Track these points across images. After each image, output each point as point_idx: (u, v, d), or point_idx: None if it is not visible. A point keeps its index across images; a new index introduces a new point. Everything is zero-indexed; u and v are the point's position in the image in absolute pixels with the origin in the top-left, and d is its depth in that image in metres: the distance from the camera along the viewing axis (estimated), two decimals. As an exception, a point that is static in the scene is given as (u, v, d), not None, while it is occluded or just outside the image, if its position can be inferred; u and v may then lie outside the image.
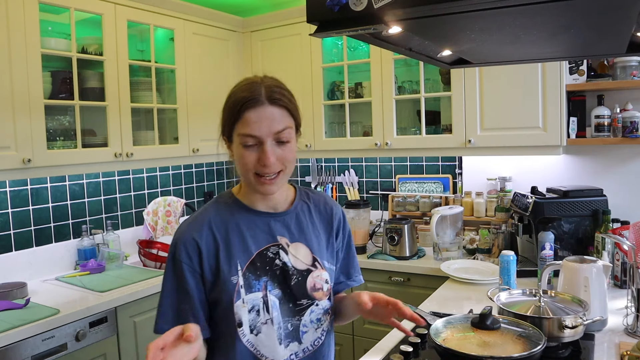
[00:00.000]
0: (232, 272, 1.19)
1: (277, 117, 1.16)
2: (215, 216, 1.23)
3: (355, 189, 3.45)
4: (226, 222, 1.23)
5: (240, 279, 1.19)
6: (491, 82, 2.63)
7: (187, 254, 1.19)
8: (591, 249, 2.27)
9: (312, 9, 1.04)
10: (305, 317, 1.26)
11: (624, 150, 2.66)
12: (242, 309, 1.19)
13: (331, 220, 1.37)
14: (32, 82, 2.22)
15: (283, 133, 1.16)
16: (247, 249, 1.21)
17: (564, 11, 0.99)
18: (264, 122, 1.14)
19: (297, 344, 1.25)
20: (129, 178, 3.09)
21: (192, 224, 1.23)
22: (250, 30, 3.35)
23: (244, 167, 1.17)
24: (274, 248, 1.24)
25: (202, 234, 1.20)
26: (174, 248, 1.21)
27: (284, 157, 1.18)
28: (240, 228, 1.23)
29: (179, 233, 1.22)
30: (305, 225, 1.30)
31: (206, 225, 1.22)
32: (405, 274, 2.66)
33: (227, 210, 1.25)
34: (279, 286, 1.23)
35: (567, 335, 1.47)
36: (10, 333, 1.89)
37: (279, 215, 1.27)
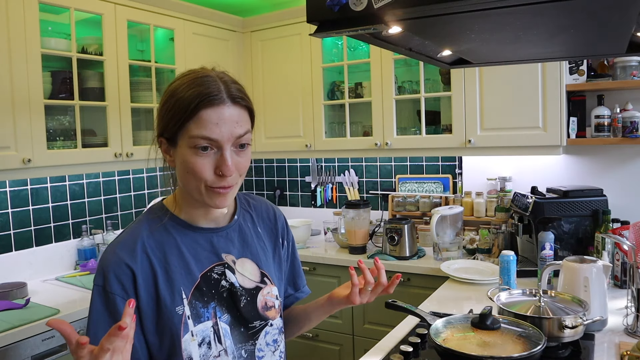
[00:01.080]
0: (175, 301, 1.01)
1: (238, 119, 1.00)
2: (148, 237, 1.04)
3: (355, 189, 3.45)
4: (162, 243, 1.04)
5: (187, 309, 1.02)
6: (491, 82, 2.63)
7: (120, 284, 0.99)
8: (591, 249, 2.27)
9: (312, 9, 1.04)
10: (260, 340, 1.12)
11: (624, 150, 2.66)
12: (192, 344, 1.02)
13: (275, 228, 1.23)
14: (32, 82, 2.22)
15: (244, 137, 1.00)
16: (190, 273, 1.04)
17: (564, 11, 0.99)
18: (226, 124, 0.97)
19: (270, 353, 1.15)
20: (129, 178, 3.09)
21: (121, 247, 1.02)
22: (250, 30, 3.35)
23: (194, 175, 0.98)
24: (219, 268, 1.08)
25: (136, 259, 1.00)
26: (103, 279, 0.99)
27: (242, 166, 1.01)
28: (180, 249, 1.04)
29: (106, 259, 1.01)
30: (249, 238, 1.15)
31: (139, 247, 1.02)
32: (405, 274, 2.66)
33: (162, 229, 1.05)
34: (228, 310, 1.08)
35: (567, 335, 1.47)
36: (10, 333, 1.89)
37: (221, 230, 1.11)
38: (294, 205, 3.73)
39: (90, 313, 1.00)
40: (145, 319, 1.01)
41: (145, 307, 1.00)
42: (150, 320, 1.01)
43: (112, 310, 0.98)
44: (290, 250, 1.29)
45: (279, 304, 1.18)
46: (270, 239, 1.22)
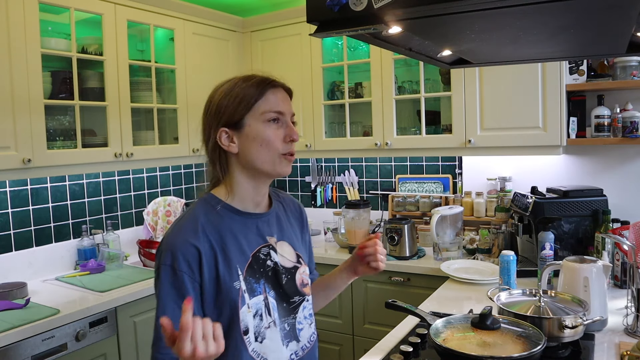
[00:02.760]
0: (233, 277, 1.14)
1: (288, 100, 1.22)
2: (206, 221, 1.16)
3: (355, 189, 3.45)
4: (218, 227, 1.16)
5: (243, 284, 1.15)
6: (491, 82, 2.63)
7: (187, 262, 1.10)
8: (591, 249, 2.27)
9: (312, 9, 1.04)
10: (299, 314, 1.27)
11: (624, 150, 2.66)
12: (248, 315, 1.14)
13: (301, 217, 1.40)
14: (32, 82, 2.22)
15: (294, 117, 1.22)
16: (243, 253, 1.17)
17: (564, 11, 0.99)
18: (285, 102, 1.20)
19: (295, 342, 1.25)
20: (129, 178, 3.09)
21: (185, 229, 1.14)
22: (250, 30, 3.35)
23: (269, 145, 1.16)
24: (265, 249, 1.22)
25: (200, 240, 1.12)
26: (172, 258, 1.10)
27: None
28: (233, 232, 1.18)
29: (172, 240, 1.12)
30: (284, 224, 1.31)
31: (200, 230, 1.14)
32: (405, 274, 2.66)
33: (216, 215, 1.18)
34: (273, 287, 1.21)
35: (567, 335, 1.47)
36: (10, 333, 1.89)
37: (264, 216, 1.25)
38: (294, 205, 3.73)
39: (159, 291, 1.11)
40: (206, 294, 1.12)
41: (207, 283, 1.12)
42: (210, 296, 1.13)
43: (180, 287, 1.09)
44: (309, 240, 1.45)
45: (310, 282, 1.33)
46: (298, 226, 1.38)
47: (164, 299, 1.09)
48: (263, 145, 1.16)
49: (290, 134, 1.18)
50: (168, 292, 1.09)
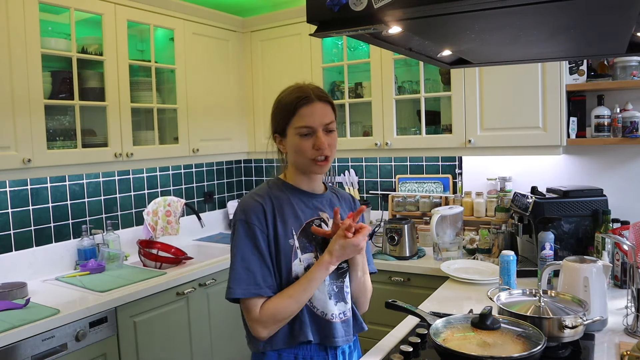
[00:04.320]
0: (288, 235, 1.42)
1: (325, 111, 1.43)
2: (271, 192, 1.47)
3: (355, 189, 3.45)
4: (279, 198, 1.46)
5: (296, 242, 1.43)
6: (491, 82, 2.63)
7: (257, 217, 1.40)
8: (591, 249, 2.27)
9: (312, 9, 1.04)
10: (347, 280, 1.49)
11: (624, 150, 2.66)
12: (299, 266, 1.42)
13: (353, 208, 1.61)
14: (32, 82, 2.22)
15: (330, 124, 1.43)
16: (298, 219, 1.45)
17: (564, 11, 0.99)
18: (316, 115, 1.41)
19: (343, 303, 1.47)
20: (129, 178, 3.09)
21: (255, 195, 1.46)
22: (250, 30, 3.35)
23: (301, 153, 1.42)
24: (318, 221, 1.48)
25: (267, 203, 1.43)
26: (245, 214, 1.41)
27: (331, 144, 1.44)
28: (291, 202, 1.46)
29: (245, 203, 1.44)
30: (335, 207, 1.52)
31: (267, 196, 1.45)
32: (405, 274, 2.66)
33: (279, 189, 1.48)
34: (322, 250, 1.44)
35: (567, 335, 1.47)
36: (10, 333, 1.89)
37: (319, 197, 1.52)
38: (294, 205, 3.72)
39: (236, 241, 1.41)
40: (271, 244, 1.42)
41: (271, 236, 1.42)
42: (272, 246, 1.42)
43: (252, 237, 1.40)
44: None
45: None
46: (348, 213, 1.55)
47: (242, 247, 1.40)
48: (297, 153, 1.43)
49: (317, 144, 1.40)
50: (244, 243, 1.40)
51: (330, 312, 1.44)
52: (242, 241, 1.40)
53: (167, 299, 2.48)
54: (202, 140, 3.06)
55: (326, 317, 1.44)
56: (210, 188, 3.67)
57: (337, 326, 1.44)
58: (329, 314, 1.44)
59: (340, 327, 1.45)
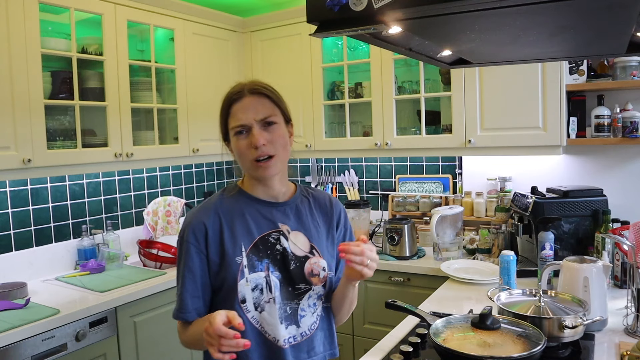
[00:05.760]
0: (236, 253, 1.29)
1: (259, 104, 1.29)
2: (221, 204, 1.34)
3: (355, 189, 3.45)
4: (231, 209, 1.33)
5: (244, 259, 1.29)
6: (491, 82, 2.63)
7: (195, 235, 1.30)
8: (591, 249, 2.27)
9: (312, 9, 1.04)
10: (304, 302, 1.34)
11: (624, 150, 2.66)
12: (246, 287, 1.28)
13: (331, 214, 1.45)
14: (32, 82, 2.22)
15: (268, 118, 1.29)
16: (250, 233, 1.31)
17: (564, 11, 0.99)
18: (249, 110, 1.28)
19: (295, 327, 1.33)
20: (129, 178, 3.09)
21: (200, 209, 1.34)
22: (250, 30, 3.35)
23: (241, 156, 1.29)
24: (275, 234, 1.33)
25: (210, 218, 1.31)
26: (183, 231, 1.32)
27: (272, 140, 1.28)
28: (244, 214, 1.33)
29: (188, 218, 1.34)
30: (304, 216, 1.39)
31: (213, 210, 1.32)
32: (405, 274, 2.66)
33: (232, 200, 1.35)
34: (279, 270, 1.31)
35: (567, 335, 1.47)
36: (10, 333, 1.89)
37: (280, 205, 1.37)
38: (294, 205, 3.73)
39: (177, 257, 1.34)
40: (213, 264, 1.30)
41: (212, 254, 1.30)
42: (216, 265, 1.30)
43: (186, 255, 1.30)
44: (348, 237, 1.48)
45: (325, 275, 1.36)
46: (325, 221, 1.43)
47: (178, 265, 1.32)
48: (239, 156, 1.31)
49: (252, 141, 1.26)
50: (180, 261, 1.32)
51: (282, 338, 1.29)
52: (179, 259, 1.32)
53: (167, 299, 2.48)
54: (202, 140, 3.06)
55: (278, 343, 1.29)
56: (210, 188, 3.66)
57: (287, 352, 1.30)
58: (281, 340, 1.29)
59: (289, 353, 1.30)
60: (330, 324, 1.43)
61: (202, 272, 1.30)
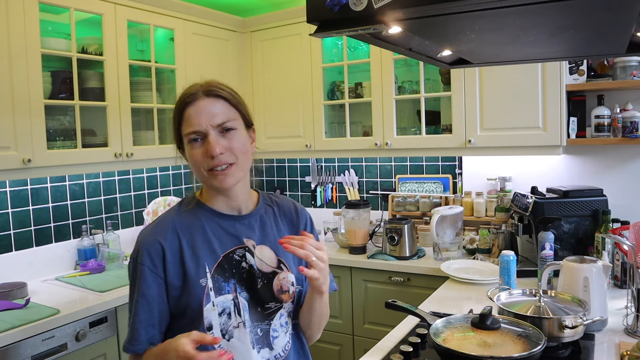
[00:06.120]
0: (199, 274, 1.15)
1: (216, 108, 1.15)
2: (179, 220, 1.19)
3: (355, 189, 3.45)
4: (191, 226, 1.19)
5: (209, 281, 1.15)
6: (491, 82, 2.63)
7: (151, 258, 1.15)
8: (591, 249, 2.27)
9: (312, 9, 1.04)
10: (275, 322, 1.22)
11: (624, 150, 2.66)
12: (212, 312, 1.14)
13: (297, 223, 1.33)
14: (32, 82, 2.22)
15: (226, 123, 1.15)
16: (213, 251, 1.17)
17: (564, 11, 0.99)
18: (204, 114, 1.14)
19: (268, 350, 1.21)
20: (129, 178, 3.09)
21: (155, 227, 1.19)
22: (250, 30, 3.35)
23: (195, 165, 1.16)
24: (240, 250, 1.20)
25: (167, 237, 1.16)
26: (137, 252, 1.16)
27: (231, 147, 1.14)
28: (205, 231, 1.19)
29: (141, 238, 1.19)
30: (269, 227, 1.27)
31: (170, 228, 1.18)
32: (405, 274, 2.66)
33: (191, 214, 1.21)
34: (247, 289, 1.19)
35: (567, 335, 1.47)
36: (10, 333, 1.89)
37: (244, 218, 1.24)
38: (294, 205, 3.72)
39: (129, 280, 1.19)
40: (173, 289, 1.15)
41: (172, 278, 1.15)
42: (176, 290, 1.15)
43: (141, 279, 1.15)
44: None
45: (294, 290, 1.25)
46: (291, 231, 1.31)
47: (131, 290, 1.17)
48: (193, 166, 1.18)
49: (208, 149, 1.12)
50: (133, 285, 1.17)
51: None
52: (131, 283, 1.17)
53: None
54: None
55: None
56: (210, 188, 3.66)
57: None
58: None
59: None
60: (302, 342, 1.32)
61: (159, 299, 1.14)
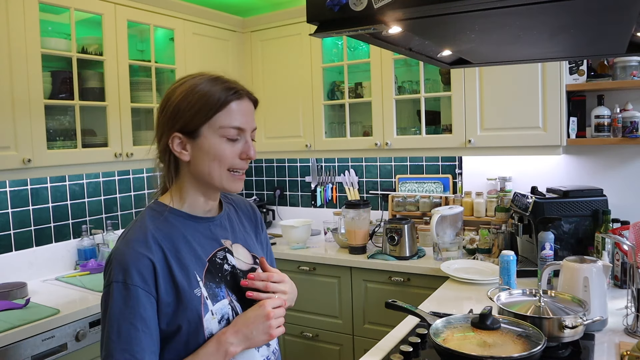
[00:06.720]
0: (192, 285, 1.07)
1: (253, 113, 1.15)
2: (155, 230, 1.09)
3: (355, 189, 3.45)
4: (169, 234, 1.09)
5: (203, 290, 1.08)
6: (491, 82, 2.63)
7: (141, 276, 1.02)
8: (591, 249, 2.27)
9: (312, 9, 1.04)
10: None
11: (624, 150, 2.66)
12: (212, 322, 1.08)
13: (255, 218, 1.34)
14: (32, 82, 2.22)
15: (254, 131, 1.16)
16: (199, 258, 1.11)
17: (564, 11, 0.99)
18: (248, 116, 1.13)
19: (266, 347, 1.20)
20: (129, 178, 3.09)
21: (134, 243, 1.06)
22: (250, 30, 3.35)
23: (222, 161, 1.09)
24: (221, 252, 1.16)
25: (152, 250, 1.05)
26: (124, 273, 1.02)
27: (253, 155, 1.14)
28: (186, 238, 1.11)
29: (124, 255, 1.04)
30: (237, 226, 1.25)
31: (151, 241, 1.07)
32: (405, 274, 2.66)
33: (165, 222, 1.11)
34: (233, 291, 1.14)
35: (567, 335, 1.47)
36: (10, 333, 1.89)
37: (216, 219, 1.19)
38: (294, 205, 3.73)
39: (110, 311, 1.01)
40: (165, 306, 1.04)
41: (164, 295, 1.04)
42: (170, 307, 1.05)
43: (134, 305, 1.01)
44: (266, 240, 1.37)
45: None
46: (251, 226, 1.31)
47: (118, 319, 1.01)
48: (215, 161, 1.10)
49: (247, 151, 1.11)
50: (122, 312, 1.01)
51: None
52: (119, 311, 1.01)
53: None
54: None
55: None
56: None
57: None
58: None
59: None
60: None
61: (155, 321, 1.04)
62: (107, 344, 1.01)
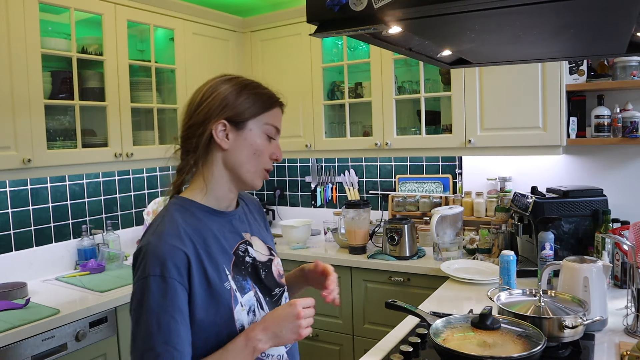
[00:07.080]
0: (222, 278, 1.11)
1: None
2: (185, 225, 1.11)
3: (355, 189, 3.45)
4: (198, 229, 1.12)
5: (232, 283, 1.12)
6: (491, 82, 2.63)
7: (178, 269, 1.04)
8: (591, 249, 2.27)
9: (312, 9, 1.04)
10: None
11: (624, 150, 2.66)
12: (242, 313, 1.13)
13: (261, 212, 1.40)
14: (32, 82, 2.22)
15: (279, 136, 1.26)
16: (225, 252, 1.15)
17: (564, 11, 0.99)
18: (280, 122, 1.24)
19: None
20: (129, 178, 3.09)
21: (168, 236, 1.07)
22: (250, 30, 3.35)
23: (261, 157, 1.18)
24: (243, 245, 1.20)
25: (186, 244, 1.08)
26: (161, 267, 1.03)
27: None
28: (213, 232, 1.14)
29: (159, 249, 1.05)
30: (251, 219, 1.31)
31: (183, 235, 1.09)
32: (405, 274, 2.66)
33: (193, 217, 1.14)
34: (255, 282, 1.20)
35: (567, 335, 1.47)
36: (10, 333, 1.89)
37: (235, 214, 1.24)
38: (294, 205, 3.73)
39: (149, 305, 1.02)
40: (198, 299, 1.07)
41: (197, 288, 1.07)
42: (203, 300, 1.08)
43: (173, 297, 1.03)
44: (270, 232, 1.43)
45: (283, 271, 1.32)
46: (260, 220, 1.37)
47: (157, 312, 1.02)
48: (255, 155, 1.17)
49: (277, 153, 1.21)
50: (160, 305, 1.02)
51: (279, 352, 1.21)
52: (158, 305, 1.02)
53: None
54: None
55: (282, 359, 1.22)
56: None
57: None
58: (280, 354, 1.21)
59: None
60: None
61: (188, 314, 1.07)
62: (145, 336, 1.01)
